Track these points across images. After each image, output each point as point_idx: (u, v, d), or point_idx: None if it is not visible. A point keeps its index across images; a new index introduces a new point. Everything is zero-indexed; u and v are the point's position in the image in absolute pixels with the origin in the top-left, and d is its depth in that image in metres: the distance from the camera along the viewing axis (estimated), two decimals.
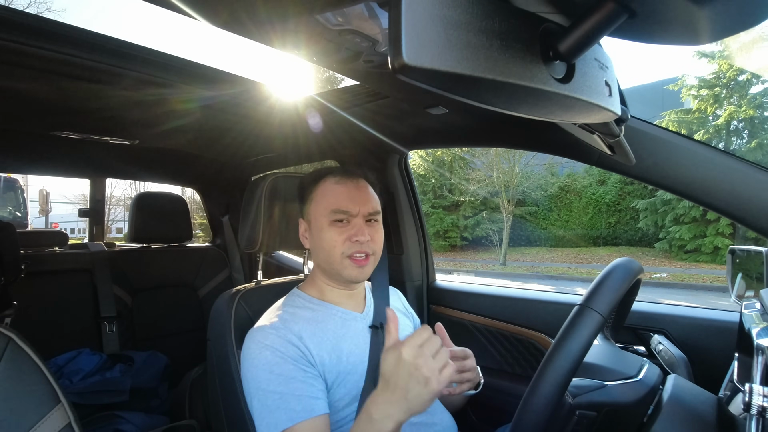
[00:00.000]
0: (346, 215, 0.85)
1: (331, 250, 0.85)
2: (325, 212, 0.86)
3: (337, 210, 0.85)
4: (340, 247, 0.84)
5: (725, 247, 9.37)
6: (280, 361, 0.76)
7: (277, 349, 0.77)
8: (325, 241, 0.85)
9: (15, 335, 0.70)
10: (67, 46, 0.74)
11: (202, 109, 1.10)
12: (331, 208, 0.85)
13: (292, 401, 0.73)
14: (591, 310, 0.59)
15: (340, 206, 0.85)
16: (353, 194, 0.87)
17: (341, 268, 0.85)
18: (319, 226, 0.86)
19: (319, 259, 0.89)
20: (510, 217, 12.17)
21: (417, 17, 0.27)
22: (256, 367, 0.76)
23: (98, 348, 1.64)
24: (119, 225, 19.90)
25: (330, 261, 0.86)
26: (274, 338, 0.79)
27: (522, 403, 0.57)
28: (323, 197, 0.87)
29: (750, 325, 0.57)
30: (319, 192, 0.88)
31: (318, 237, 0.87)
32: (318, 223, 0.87)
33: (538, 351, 1.22)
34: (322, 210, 0.86)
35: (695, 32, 0.34)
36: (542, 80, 0.34)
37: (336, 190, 0.87)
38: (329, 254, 0.85)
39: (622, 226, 12.60)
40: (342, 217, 0.85)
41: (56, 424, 0.68)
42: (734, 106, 10.39)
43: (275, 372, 0.75)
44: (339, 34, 0.53)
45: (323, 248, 0.86)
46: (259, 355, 0.77)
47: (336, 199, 0.86)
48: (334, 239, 0.84)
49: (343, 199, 0.86)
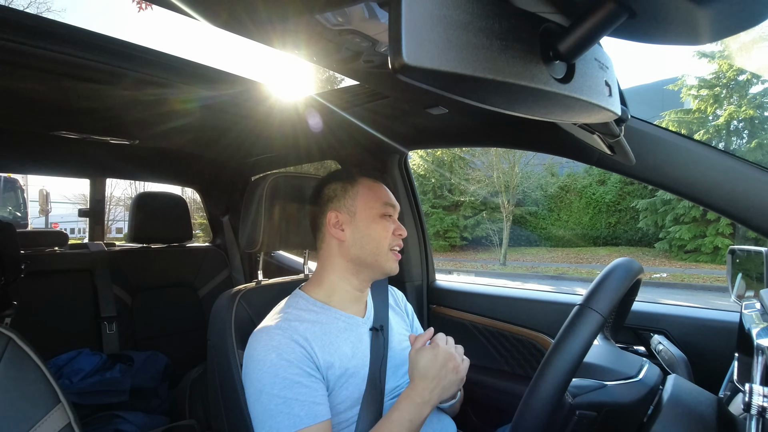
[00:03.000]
0: (394, 209, 0.93)
1: (380, 241, 0.89)
2: (377, 204, 0.91)
3: (387, 203, 0.92)
4: (388, 239, 0.90)
5: (725, 247, 9.37)
6: (285, 365, 0.75)
7: (283, 351, 0.76)
8: (375, 233, 0.89)
9: (15, 335, 0.70)
10: (67, 46, 0.74)
11: (202, 109, 1.10)
12: (383, 201, 0.91)
13: (296, 406, 0.72)
14: (591, 310, 0.59)
15: (390, 201, 0.93)
16: (390, 195, 0.95)
17: (385, 260, 0.90)
18: (369, 218, 0.90)
19: (364, 250, 0.90)
20: (510, 217, 12.17)
21: (417, 17, 0.27)
22: (260, 370, 0.76)
23: (98, 348, 1.64)
24: (119, 225, 19.89)
25: (377, 252, 0.89)
26: (280, 339, 0.78)
27: (522, 403, 0.57)
28: (372, 191, 0.92)
29: (750, 325, 0.57)
30: (364, 187, 0.92)
31: (366, 228, 0.90)
32: (366, 215, 0.90)
33: (538, 351, 1.22)
34: (373, 202, 0.91)
35: (695, 32, 0.34)
36: (542, 80, 0.34)
37: (379, 188, 0.94)
38: (378, 245, 0.89)
39: (622, 226, 12.59)
40: (390, 212, 0.92)
41: (56, 424, 0.68)
42: (734, 106, 10.38)
43: (280, 375, 0.74)
44: (339, 34, 0.53)
45: (373, 239, 0.89)
46: (265, 358, 0.76)
47: (383, 195, 0.93)
48: (385, 231, 0.90)
49: (387, 196, 0.93)
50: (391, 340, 0.93)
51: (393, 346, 0.92)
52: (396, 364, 0.91)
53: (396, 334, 0.96)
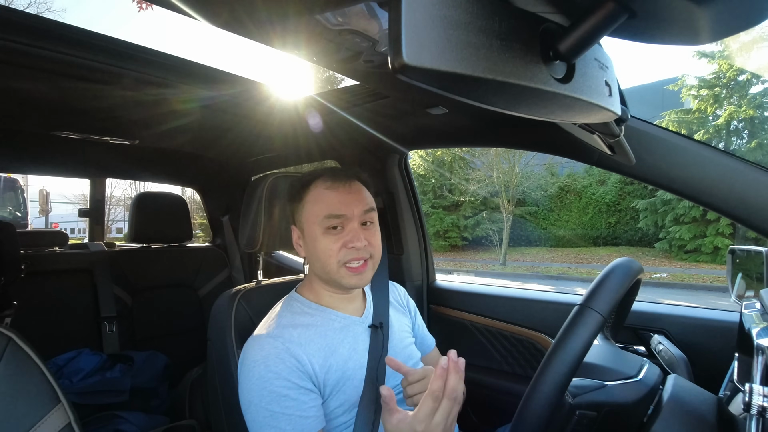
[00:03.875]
0: (340, 219, 0.81)
1: (327, 260, 0.81)
2: (317, 219, 0.82)
3: (330, 215, 0.81)
4: (335, 255, 0.81)
5: (725, 247, 9.37)
6: (272, 377, 0.74)
7: (271, 362, 0.75)
8: (319, 251, 0.82)
9: (15, 335, 0.70)
10: (67, 46, 0.74)
11: (202, 109, 1.10)
12: (324, 214, 0.81)
13: (282, 421, 0.72)
14: (591, 310, 0.59)
15: (333, 210, 0.81)
16: (345, 198, 0.83)
17: (339, 277, 0.82)
18: (313, 235, 0.83)
19: (316, 267, 0.86)
20: (510, 217, 12.17)
21: (417, 17, 0.27)
22: (249, 381, 0.75)
23: (98, 348, 1.64)
24: (119, 225, 19.90)
25: (327, 270, 0.83)
26: (269, 349, 0.77)
27: (522, 403, 0.57)
28: (314, 203, 0.83)
29: (750, 325, 0.57)
30: (310, 198, 0.84)
31: (312, 246, 0.83)
32: (311, 232, 0.83)
33: (538, 351, 1.22)
34: (314, 217, 0.82)
35: (695, 32, 0.34)
36: (542, 80, 0.34)
37: (327, 195, 0.83)
38: (325, 263, 0.82)
39: (622, 226, 12.59)
40: (336, 223, 0.81)
41: (56, 424, 0.68)
42: (734, 106, 10.38)
43: (267, 389, 0.73)
44: (339, 34, 0.53)
45: (319, 258, 0.82)
46: (253, 369, 0.75)
47: (327, 204, 0.82)
48: (329, 248, 0.81)
49: (335, 204, 0.82)
50: (391, 338, 0.91)
51: (394, 344, 0.91)
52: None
53: (397, 332, 0.94)
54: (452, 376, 0.60)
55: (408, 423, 0.60)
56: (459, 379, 0.61)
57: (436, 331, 1.43)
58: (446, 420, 0.60)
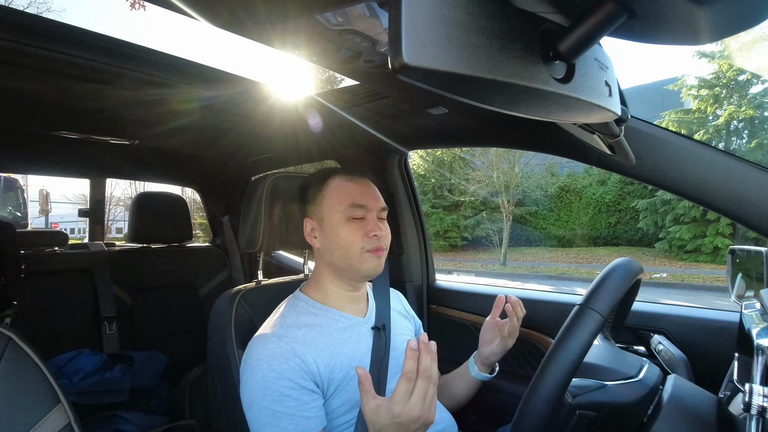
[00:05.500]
0: (362, 210, 0.86)
1: (350, 246, 0.85)
2: (341, 208, 0.86)
3: (353, 204, 0.86)
4: (359, 242, 0.85)
5: (725, 247, 9.37)
6: (275, 377, 0.74)
7: (274, 362, 0.76)
8: (342, 238, 0.85)
9: (15, 335, 0.70)
10: (67, 46, 0.74)
11: (202, 109, 1.10)
12: (347, 202, 0.86)
13: (284, 420, 0.72)
14: (591, 310, 0.59)
15: (356, 200, 0.86)
16: (365, 190, 0.89)
17: (360, 263, 0.85)
18: (335, 223, 0.86)
19: (334, 256, 0.87)
20: (510, 217, 12.17)
21: (417, 17, 0.27)
22: (252, 379, 0.76)
23: (98, 348, 1.64)
24: (119, 225, 19.89)
25: (348, 257, 0.85)
26: (274, 349, 0.77)
27: (522, 403, 0.57)
28: (337, 194, 0.87)
29: (750, 325, 0.57)
30: (331, 189, 0.88)
31: (333, 234, 0.86)
32: (332, 220, 0.86)
33: (538, 351, 1.22)
34: (337, 205, 0.86)
35: (695, 32, 0.34)
36: (542, 80, 0.34)
37: (348, 186, 0.88)
38: (348, 250, 0.85)
39: (622, 226, 12.59)
40: (359, 213, 0.86)
41: (56, 424, 0.68)
42: (734, 106, 10.38)
43: (270, 388, 0.74)
44: (339, 34, 0.53)
45: (340, 245, 0.85)
46: (257, 368, 0.76)
47: (351, 194, 0.87)
48: (353, 235, 0.85)
49: (358, 195, 0.87)
50: (393, 340, 0.92)
51: (396, 346, 0.91)
52: (399, 364, 0.90)
53: (399, 334, 0.95)
54: (424, 356, 0.62)
55: (386, 407, 0.62)
56: (432, 358, 0.63)
57: (436, 331, 1.43)
58: (423, 400, 0.61)
